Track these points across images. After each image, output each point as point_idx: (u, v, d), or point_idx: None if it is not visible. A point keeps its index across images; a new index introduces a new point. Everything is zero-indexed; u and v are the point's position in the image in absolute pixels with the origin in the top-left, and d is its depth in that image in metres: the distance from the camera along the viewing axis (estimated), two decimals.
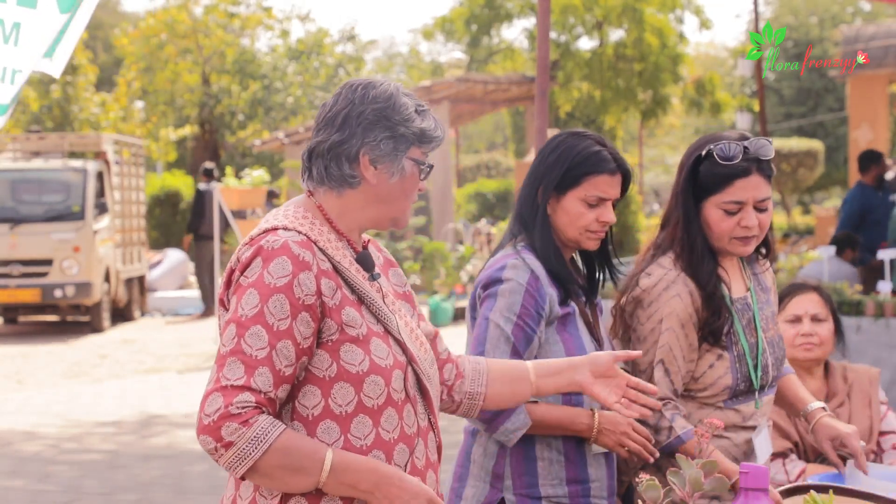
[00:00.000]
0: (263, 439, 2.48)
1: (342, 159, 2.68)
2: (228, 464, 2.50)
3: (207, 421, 2.48)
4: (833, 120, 33.31)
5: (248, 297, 2.54)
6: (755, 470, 2.58)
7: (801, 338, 4.32)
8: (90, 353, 14.97)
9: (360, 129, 2.67)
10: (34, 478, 8.52)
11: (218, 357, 2.54)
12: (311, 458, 2.53)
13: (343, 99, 2.70)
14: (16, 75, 3.96)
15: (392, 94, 2.70)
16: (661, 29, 22.13)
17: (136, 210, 19.46)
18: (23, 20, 3.97)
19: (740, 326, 3.38)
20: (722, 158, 3.32)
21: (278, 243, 2.57)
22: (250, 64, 30.92)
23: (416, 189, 2.76)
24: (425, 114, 2.73)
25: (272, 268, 2.55)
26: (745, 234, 3.36)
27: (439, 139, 2.76)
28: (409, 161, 2.70)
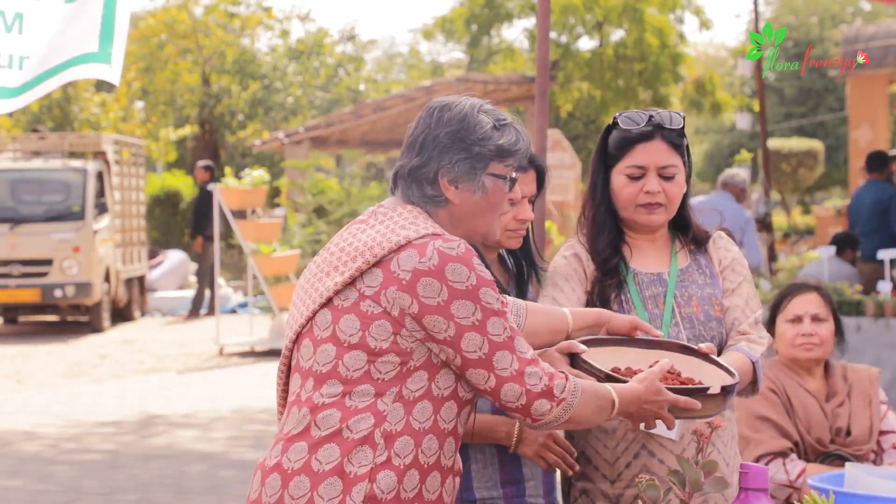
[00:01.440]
0: (577, 390, 2.79)
1: (423, 182, 2.83)
2: (555, 417, 2.77)
3: (539, 388, 2.75)
4: (833, 120, 33.30)
5: (485, 294, 2.73)
6: (755, 470, 2.58)
7: (801, 338, 4.32)
8: (90, 353, 14.96)
9: (436, 153, 2.82)
10: (34, 478, 8.51)
11: (501, 345, 2.74)
12: (605, 398, 2.83)
13: (422, 123, 2.85)
14: (24, 61, 3.97)
15: (466, 114, 2.82)
16: (661, 29, 22.13)
17: (136, 210, 19.45)
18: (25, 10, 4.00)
19: (638, 297, 3.38)
20: (626, 124, 3.37)
21: (462, 247, 2.75)
22: (250, 64, 30.92)
23: (503, 202, 2.90)
24: (506, 128, 2.84)
25: (478, 268, 2.75)
26: (648, 201, 3.36)
27: (522, 151, 2.87)
28: (489, 177, 2.83)
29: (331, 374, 2.75)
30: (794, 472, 4.13)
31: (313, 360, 2.78)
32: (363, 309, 2.73)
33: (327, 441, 2.70)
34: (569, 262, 3.46)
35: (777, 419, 4.24)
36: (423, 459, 2.73)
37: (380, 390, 2.72)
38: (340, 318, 2.74)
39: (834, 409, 4.31)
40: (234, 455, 9.14)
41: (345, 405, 2.72)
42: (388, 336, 2.72)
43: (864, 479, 3.12)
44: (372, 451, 2.69)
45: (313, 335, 2.79)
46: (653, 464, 3.33)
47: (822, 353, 4.34)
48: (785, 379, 4.34)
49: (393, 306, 2.71)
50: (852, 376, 4.40)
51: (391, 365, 2.73)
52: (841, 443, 4.27)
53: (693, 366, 3.08)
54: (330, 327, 2.76)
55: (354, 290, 2.74)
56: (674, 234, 3.53)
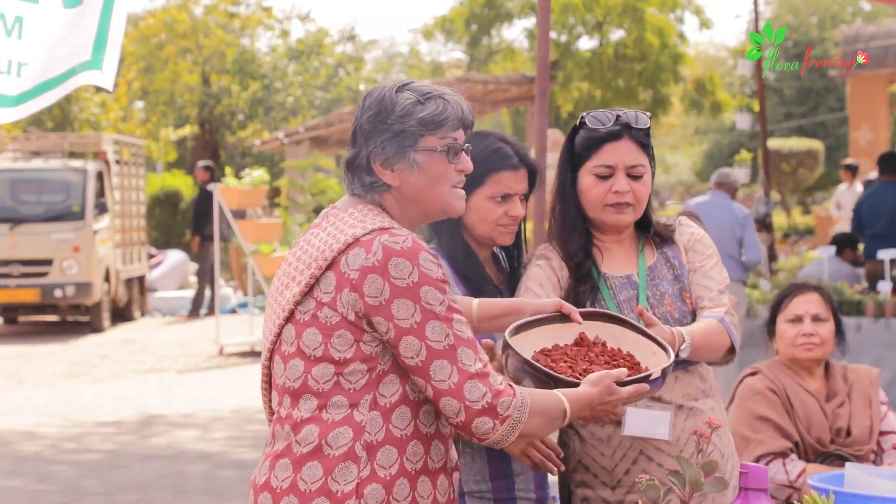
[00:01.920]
0: (525, 405, 2.66)
1: (360, 172, 2.80)
2: (501, 436, 2.65)
3: (480, 405, 2.62)
4: (833, 120, 33.29)
5: (427, 294, 2.64)
6: (755, 470, 2.57)
7: (801, 338, 4.32)
8: (90, 353, 14.96)
9: (363, 140, 2.78)
10: (34, 478, 8.51)
11: (441, 353, 2.63)
12: (557, 410, 2.73)
13: (355, 116, 2.83)
14: (22, 68, 3.97)
15: (384, 96, 2.77)
16: (661, 28, 22.13)
17: (136, 210, 19.45)
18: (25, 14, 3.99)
19: (613, 302, 3.35)
20: (593, 123, 3.35)
21: (409, 241, 2.66)
22: (250, 64, 30.92)
23: (449, 173, 2.79)
24: (431, 100, 2.77)
25: (424, 263, 2.65)
26: (617, 200, 3.34)
27: (452, 118, 2.78)
28: (420, 153, 2.76)
29: (304, 389, 2.70)
30: (794, 472, 4.13)
31: (285, 377, 2.74)
32: (322, 320, 2.67)
33: (309, 459, 2.66)
34: (542, 269, 3.41)
35: (777, 419, 4.24)
36: (410, 466, 2.69)
37: (353, 400, 2.67)
38: (303, 332, 2.70)
39: (834, 409, 4.31)
40: (233, 455, 9.14)
41: (322, 419, 2.68)
42: (350, 345, 2.67)
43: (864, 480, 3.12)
44: (355, 466, 2.65)
45: (282, 351, 2.75)
46: (651, 468, 3.31)
47: (822, 354, 4.34)
48: (785, 379, 4.34)
49: (348, 310, 2.66)
50: (852, 376, 4.39)
51: (359, 373, 2.68)
52: (841, 443, 4.27)
53: (618, 335, 3.04)
54: (295, 342, 2.71)
55: (312, 300, 2.69)
56: (639, 233, 3.50)
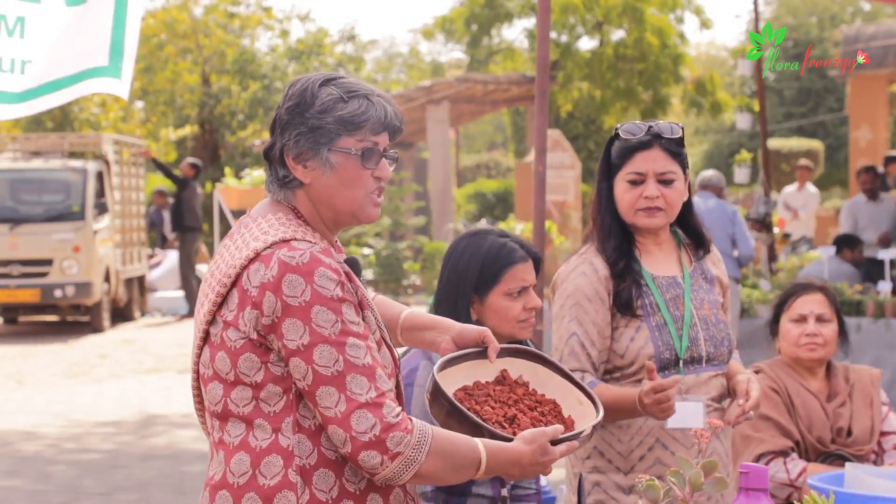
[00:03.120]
0: (424, 443, 2.48)
1: (275, 164, 2.65)
2: (393, 474, 2.47)
3: (367, 438, 2.44)
4: (833, 120, 33.28)
5: (318, 314, 2.48)
6: (755, 470, 2.57)
7: (805, 337, 4.32)
8: (90, 353, 14.96)
9: (279, 131, 2.62)
10: (34, 478, 8.51)
11: (329, 379, 2.47)
12: (467, 457, 2.54)
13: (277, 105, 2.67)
14: (26, 65, 3.96)
15: (307, 88, 2.60)
16: (661, 29, 22.11)
17: (136, 210, 19.45)
18: (27, 14, 3.97)
19: (661, 299, 3.55)
20: (626, 134, 3.55)
21: (306, 257, 2.50)
22: (250, 64, 30.89)
23: (364, 178, 2.61)
24: (355, 99, 2.59)
25: (320, 281, 2.49)
26: (647, 206, 3.53)
27: (372, 120, 2.59)
28: (335, 153, 2.59)
29: (226, 413, 2.59)
30: (795, 472, 4.13)
31: (208, 400, 2.65)
32: (228, 344, 2.55)
33: (246, 490, 2.54)
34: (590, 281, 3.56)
35: (778, 418, 4.24)
36: (353, 487, 2.56)
37: (275, 425, 2.55)
38: (216, 355, 2.58)
39: (835, 409, 4.31)
40: None
41: (251, 447, 2.56)
42: (258, 368, 2.53)
43: (864, 479, 3.12)
44: (293, 494, 2.53)
45: (202, 374, 2.65)
46: (666, 456, 3.49)
47: (825, 354, 4.34)
48: (786, 378, 4.34)
49: (250, 329, 2.52)
50: (854, 377, 4.40)
51: (276, 396, 2.54)
52: (842, 443, 4.27)
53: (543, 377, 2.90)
54: (210, 365, 2.60)
55: (220, 320, 2.56)
56: (677, 238, 3.70)
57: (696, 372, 3.54)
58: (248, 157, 29.62)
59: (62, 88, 4.02)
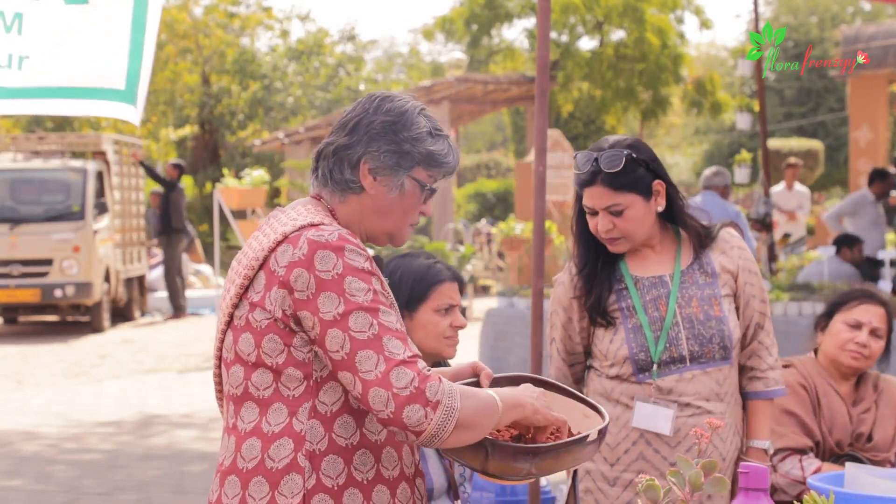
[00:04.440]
0: (454, 390, 2.53)
1: (344, 163, 2.70)
2: (438, 425, 2.49)
3: (407, 392, 2.47)
4: (833, 120, 33.28)
5: (351, 284, 2.54)
6: (755, 470, 2.57)
7: (854, 344, 4.27)
8: (90, 353, 14.96)
9: (365, 137, 2.69)
10: (34, 478, 8.51)
11: (366, 343, 2.51)
12: (485, 398, 2.59)
13: (360, 107, 2.74)
14: (23, 61, 3.94)
15: (407, 111, 2.71)
16: (661, 29, 22.11)
17: (136, 210, 19.46)
18: (25, 11, 3.96)
19: (639, 302, 3.60)
20: (574, 167, 3.65)
21: (334, 235, 2.58)
22: (250, 64, 30.91)
23: (417, 210, 2.76)
24: (440, 138, 2.73)
25: (350, 255, 2.57)
26: (604, 236, 3.62)
27: (450, 165, 2.75)
28: (410, 179, 2.71)
29: (245, 397, 2.64)
30: (809, 470, 4.12)
31: (229, 384, 2.69)
32: (253, 324, 2.60)
33: (254, 474, 2.59)
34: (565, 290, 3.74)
35: (803, 416, 4.23)
36: (360, 476, 2.61)
37: (292, 408, 2.59)
38: (239, 337, 2.63)
39: (859, 414, 4.30)
40: None
41: (262, 431, 2.60)
42: (281, 350, 2.59)
43: (864, 480, 3.12)
44: (300, 477, 2.57)
45: (224, 358, 2.69)
46: (649, 452, 3.60)
47: (865, 366, 4.32)
48: (817, 377, 4.31)
49: (276, 308, 2.58)
50: (883, 385, 4.38)
51: (296, 380, 2.60)
52: (860, 447, 4.26)
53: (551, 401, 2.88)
54: (233, 348, 2.66)
55: (246, 302, 2.62)
56: (678, 233, 3.70)
57: (678, 372, 3.58)
58: (247, 157, 29.65)
59: (73, 98, 3.99)
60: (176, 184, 18.47)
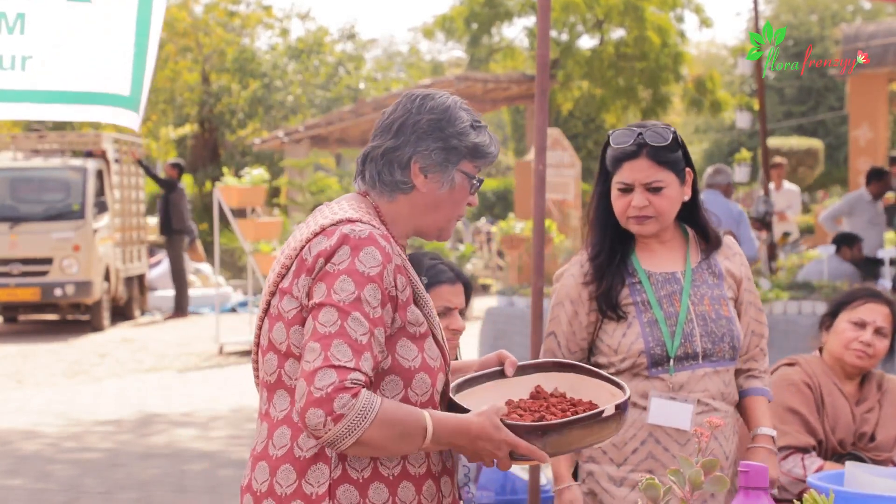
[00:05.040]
0: (370, 410, 2.51)
1: (394, 165, 2.75)
2: (335, 437, 2.50)
3: (319, 394, 2.49)
4: (833, 118, 33.27)
5: (343, 283, 2.58)
6: (755, 469, 2.57)
7: (858, 343, 4.27)
8: (90, 352, 14.96)
9: (413, 137, 2.74)
10: (34, 477, 8.51)
11: (320, 337, 2.54)
12: (414, 426, 2.57)
13: (401, 108, 2.78)
14: (26, 61, 3.91)
15: (449, 106, 2.77)
16: (661, 27, 22.10)
17: (136, 209, 19.45)
18: (27, 10, 3.93)
19: (653, 296, 3.58)
20: (614, 142, 3.58)
21: (365, 233, 2.63)
22: (250, 62, 30.89)
23: (465, 202, 2.81)
24: (481, 129, 2.80)
25: (363, 257, 2.60)
26: (636, 214, 3.57)
27: (493, 155, 2.81)
28: (459, 173, 2.77)
29: (278, 385, 2.69)
30: (811, 469, 4.12)
31: (263, 371, 2.74)
32: (284, 314, 2.66)
33: (283, 461, 2.64)
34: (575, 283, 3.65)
35: (807, 415, 4.23)
36: (386, 472, 2.65)
37: None
38: (273, 325, 2.69)
39: (863, 413, 4.30)
40: (233, 454, 9.14)
41: (293, 420, 2.65)
42: None
43: (864, 478, 3.12)
44: (326, 467, 2.62)
45: (261, 345, 2.74)
46: (658, 451, 3.53)
47: (870, 365, 4.32)
48: (822, 376, 4.31)
49: (302, 295, 2.64)
50: (887, 385, 4.38)
51: None
52: (863, 447, 4.26)
53: (576, 383, 2.93)
54: (267, 336, 2.71)
55: (280, 291, 2.69)
56: (686, 232, 3.70)
57: (690, 368, 3.54)
58: (247, 156, 29.63)
59: (78, 103, 3.95)
60: (175, 184, 18.44)
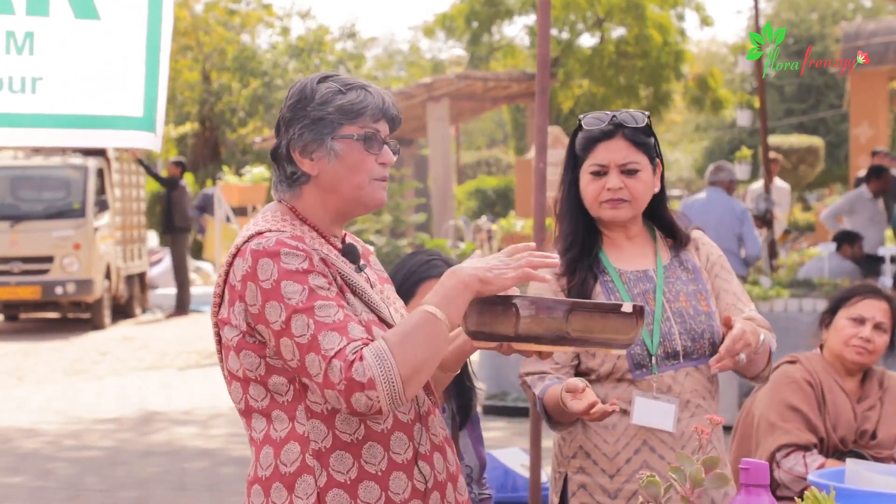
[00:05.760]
0: (383, 353, 2.50)
1: (282, 162, 2.76)
2: (389, 397, 2.48)
3: (343, 385, 2.48)
4: (834, 116, 33.26)
5: (287, 288, 2.56)
6: (755, 466, 2.57)
7: (857, 339, 4.27)
8: (91, 350, 14.96)
9: (283, 129, 2.75)
10: (34, 474, 8.51)
11: (307, 346, 2.52)
12: (424, 324, 2.54)
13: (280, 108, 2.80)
14: (37, 83, 3.82)
15: (305, 85, 2.74)
16: (662, 25, 22.10)
17: (137, 207, 19.46)
18: (36, 29, 3.85)
19: (627, 295, 3.44)
20: (588, 125, 3.47)
21: (272, 241, 2.60)
22: (251, 61, 30.88)
23: (368, 163, 2.72)
24: (352, 90, 2.72)
25: (285, 259, 2.58)
26: (610, 197, 3.45)
27: (372, 107, 2.71)
28: (339, 140, 2.70)
29: (249, 410, 2.70)
30: (813, 467, 4.12)
31: (233, 400, 2.76)
32: (229, 343, 2.66)
33: (273, 480, 2.65)
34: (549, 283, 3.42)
35: (808, 412, 4.22)
36: (373, 469, 2.63)
37: (290, 413, 2.64)
38: (227, 356, 2.70)
39: (864, 411, 4.29)
40: (233, 452, 9.14)
41: (272, 439, 2.66)
42: (258, 364, 2.64)
43: (865, 475, 3.12)
44: (311, 477, 2.62)
45: (225, 376, 2.76)
46: (653, 459, 3.38)
47: (870, 361, 4.31)
48: (822, 374, 4.31)
49: (241, 322, 2.63)
50: (888, 383, 4.37)
51: (283, 386, 2.64)
52: (864, 445, 4.25)
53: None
54: (226, 366, 2.72)
55: (220, 321, 2.68)
56: (653, 231, 3.60)
57: (673, 368, 3.41)
58: (248, 154, 29.63)
59: (91, 128, 3.89)
60: (177, 182, 18.44)
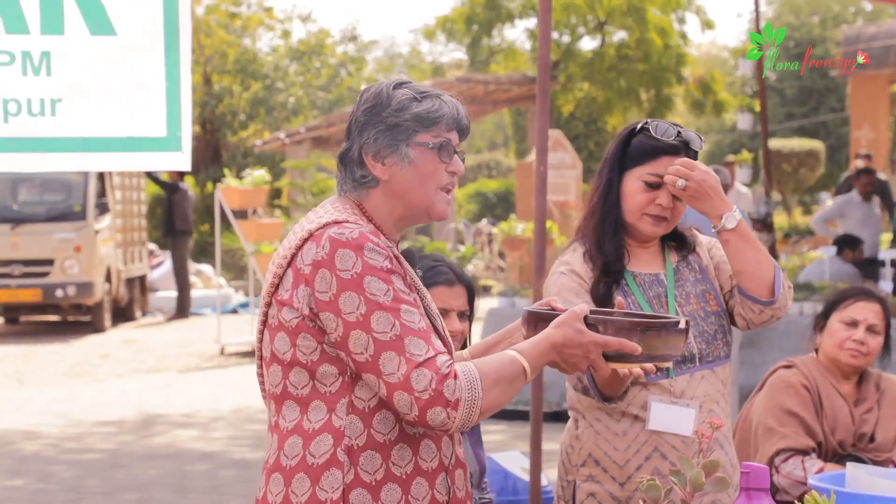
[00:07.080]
0: (475, 380, 2.56)
1: (352, 165, 2.77)
2: (463, 421, 2.54)
3: (427, 395, 2.52)
4: (835, 120, 33.26)
5: (370, 284, 2.58)
6: (756, 470, 2.57)
7: (851, 342, 4.27)
8: (91, 353, 14.96)
9: (357, 133, 2.76)
10: (35, 477, 8.51)
11: (388, 345, 2.55)
12: (512, 372, 2.61)
13: (353, 110, 2.80)
14: (56, 105, 3.80)
15: (381, 91, 2.75)
16: (663, 29, 22.11)
17: (137, 210, 19.45)
18: (52, 48, 3.80)
19: (643, 298, 3.43)
20: (656, 132, 3.42)
21: (355, 233, 2.62)
22: (252, 64, 30.90)
23: (439, 172, 2.75)
24: (427, 98, 2.74)
25: (369, 254, 2.60)
26: (657, 213, 3.43)
27: (447, 117, 2.74)
28: (414, 147, 2.72)
29: (285, 396, 2.69)
30: (812, 471, 4.12)
31: (269, 383, 2.73)
32: (285, 323, 2.65)
33: (297, 471, 2.64)
34: (568, 277, 3.46)
35: (805, 416, 4.22)
36: (399, 471, 2.65)
37: (330, 405, 2.64)
38: (275, 336, 2.68)
39: (862, 414, 4.29)
40: (234, 454, 9.14)
41: (303, 429, 2.65)
42: (314, 348, 2.64)
43: (865, 479, 3.12)
44: (339, 472, 2.62)
45: (264, 357, 2.74)
46: (664, 466, 3.34)
47: (865, 363, 4.31)
48: (819, 378, 4.31)
49: (303, 306, 2.62)
50: (885, 385, 4.37)
51: (332, 376, 2.64)
52: (862, 448, 4.25)
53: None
54: (269, 347, 2.71)
55: (277, 301, 2.67)
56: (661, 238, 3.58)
57: (689, 372, 3.40)
58: (249, 157, 29.63)
59: (114, 151, 3.85)
60: (177, 186, 18.44)
